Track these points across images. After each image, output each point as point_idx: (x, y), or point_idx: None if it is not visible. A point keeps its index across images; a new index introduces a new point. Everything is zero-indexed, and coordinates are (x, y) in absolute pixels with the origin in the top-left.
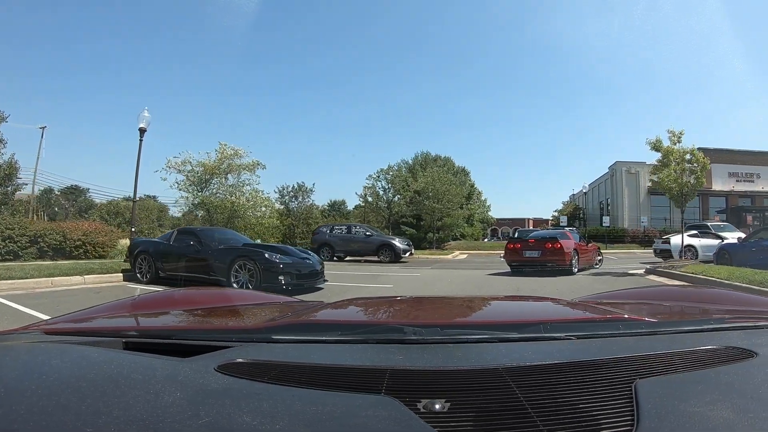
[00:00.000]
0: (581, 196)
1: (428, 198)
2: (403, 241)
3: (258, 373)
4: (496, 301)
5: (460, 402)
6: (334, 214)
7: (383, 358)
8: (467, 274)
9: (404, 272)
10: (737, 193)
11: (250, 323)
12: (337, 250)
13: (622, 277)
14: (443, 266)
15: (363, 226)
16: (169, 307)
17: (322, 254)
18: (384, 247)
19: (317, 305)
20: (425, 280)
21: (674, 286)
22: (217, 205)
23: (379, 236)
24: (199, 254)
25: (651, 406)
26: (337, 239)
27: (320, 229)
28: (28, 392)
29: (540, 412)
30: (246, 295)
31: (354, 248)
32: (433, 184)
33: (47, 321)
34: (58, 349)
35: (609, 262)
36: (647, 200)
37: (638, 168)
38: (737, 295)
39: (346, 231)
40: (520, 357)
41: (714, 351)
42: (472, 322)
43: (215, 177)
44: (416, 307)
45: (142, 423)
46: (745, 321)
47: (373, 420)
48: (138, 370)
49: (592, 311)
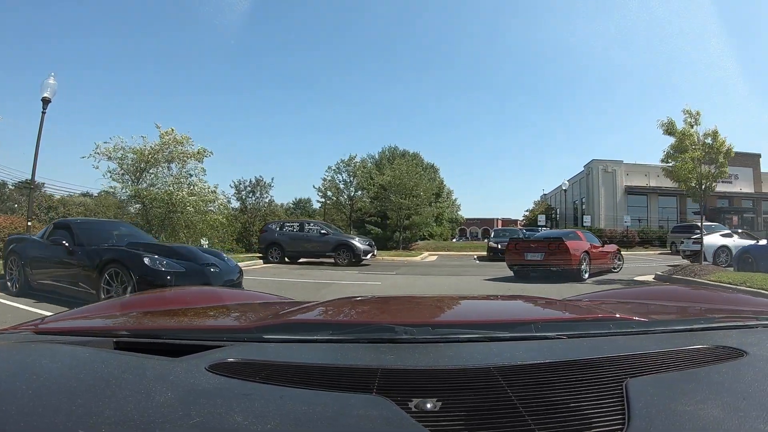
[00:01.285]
0: (556, 194)
1: (395, 193)
2: (364, 241)
3: (249, 372)
4: (488, 300)
5: (451, 401)
6: (298, 212)
7: (374, 358)
8: (443, 282)
9: (362, 280)
10: (715, 194)
11: (241, 323)
12: (287, 250)
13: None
14: (411, 270)
15: (318, 223)
16: (161, 306)
17: (271, 255)
18: (341, 248)
19: (309, 305)
20: (388, 291)
21: (665, 286)
22: (153, 197)
23: (336, 235)
24: (69, 257)
25: (642, 405)
26: (287, 238)
27: (268, 226)
28: (18, 392)
29: (531, 412)
30: (238, 295)
31: (307, 248)
32: (401, 177)
33: (38, 320)
34: (48, 349)
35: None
36: (624, 200)
37: (615, 167)
38: (727, 295)
39: (298, 228)
40: (511, 356)
41: (704, 350)
42: (463, 321)
43: (154, 166)
44: (407, 306)
45: (133, 423)
46: (736, 320)
47: (364, 420)
48: (129, 370)
49: (583, 311)
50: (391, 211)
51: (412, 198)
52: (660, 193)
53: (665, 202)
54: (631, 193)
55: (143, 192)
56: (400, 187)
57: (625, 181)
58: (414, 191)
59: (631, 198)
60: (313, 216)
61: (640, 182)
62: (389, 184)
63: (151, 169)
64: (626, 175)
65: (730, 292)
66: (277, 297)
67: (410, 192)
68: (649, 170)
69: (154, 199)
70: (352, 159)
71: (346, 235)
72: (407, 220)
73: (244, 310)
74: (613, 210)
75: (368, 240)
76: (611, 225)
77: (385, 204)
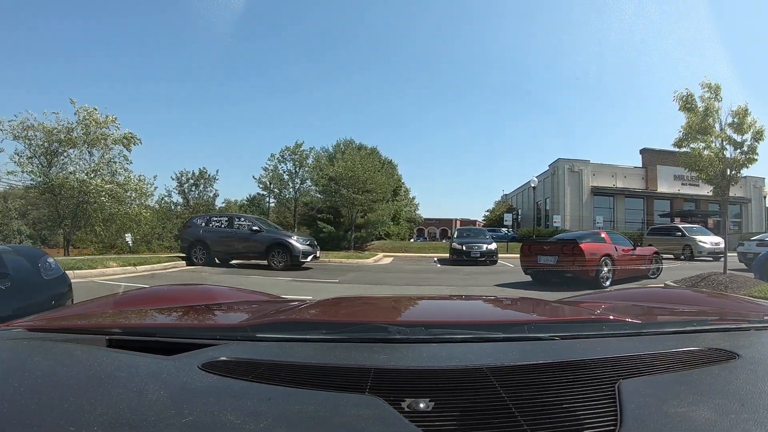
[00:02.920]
0: (517, 195)
1: (346, 187)
2: (304, 240)
3: (242, 371)
4: (481, 301)
5: (444, 401)
6: (253, 209)
7: (367, 357)
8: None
9: (290, 291)
10: (682, 196)
11: (234, 321)
12: (213, 250)
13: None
14: (359, 277)
15: (250, 217)
16: (154, 304)
17: (195, 256)
18: (276, 248)
19: (302, 304)
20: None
21: (659, 288)
22: (61, 184)
23: (271, 232)
24: None
25: (634, 406)
26: (213, 236)
27: (193, 221)
28: (10, 390)
29: (524, 412)
30: (231, 293)
31: (237, 248)
32: (353, 169)
33: (31, 318)
34: (41, 347)
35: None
36: (590, 200)
37: (582, 166)
38: (719, 297)
39: (227, 224)
40: (504, 357)
41: (697, 352)
42: (456, 321)
43: (72, 148)
44: (401, 306)
45: (125, 421)
46: (728, 323)
47: (357, 419)
48: (122, 368)
49: (576, 312)
50: (343, 207)
51: (366, 193)
52: (627, 195)
53: (632, 204)
54: (598, 194)
55: (53, 178)
56: (353, 180)
57: (591, 181)
58: (368, 185)
59: (597, 199)
60: (266, 213)
61: (606, 183)
62: (340, 177)
63: (69, 152)
64: (593, 175)
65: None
66: (271, 296)
67: (363, 186)
68: (616, 171)
69: (62, 186)
70: (298, 146)
71: (283, 232)
72: (362, 218)
73: (238, 308)
74: (579, 210)
75: (309, 239)
76: (577, 226)
77: (336, 199)
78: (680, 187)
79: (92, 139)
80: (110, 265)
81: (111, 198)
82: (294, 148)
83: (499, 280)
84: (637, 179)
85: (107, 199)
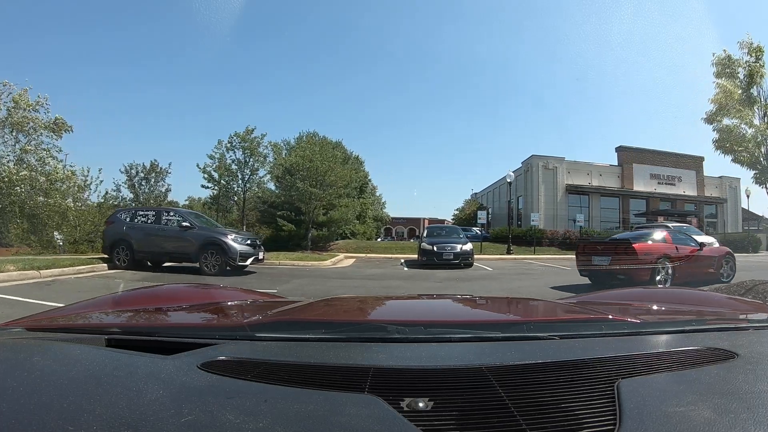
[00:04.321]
0: (487, 193)
1: (303, 179)
2: (243, 238)
3: (241, 371)
4: (481, 300)
5: (443, 401)
6: (216, 207)
7: (367, 357)
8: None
9: None
10: (658, 196)
11: (233, 321)
12: (138, 250)
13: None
14: (307, 285)
15: (182, 211)
16: (153, 303)
17: (118, 257)
18: (209, 248)
19: (302, 303)
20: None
21: (657, 288)
22: None
23: (204, 229)
24: None
25: (633, 406)
26: (138, 233)
27: (116, 215)
28: (9, 390)
29: (523, 412)
30: (230, 293)
31: (165, 248)
32: (311, 159)
33: (29, 317)
34: (39, 346)
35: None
36: (565, 198)
37: (556, 164)
38: (719, 297)
39: (154, 219)
40: (503, 356)
41: (696, 352)
42: (456, 321)
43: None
44: (400, 305)
45: (124, 421)
46: (727, 322)
47: (356, 419)
48: (121, 367)
49: (575, 311)
50: (300, 202)
51: (325, 187)
52: (602, 193)
53: (608, 203)
54: (573, 192)
55: None
56: (311, 172)
57: (566, 179)
58: (327, 178)
59: (572, 197)
60: (230, 214)
61: (582, 181)
62: (295, 168)
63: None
64: (568, 173)
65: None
66: (270, 296)
67: (322, 179)
68: (591, 169)
69: None
70: (249, 132)
71: (219, 229)
72: (324, 216)
73: (237, 308)
74: (553, 209)
75: (251, 237)
76: (551, 225)
77: (291, 193)
78: (656, 186)
79: (15, 121)
80: (6, 268)
81: (33, 189)
82: (244, 134)
83: (489, 288)
84: (613, 177)
85: (23, 189)
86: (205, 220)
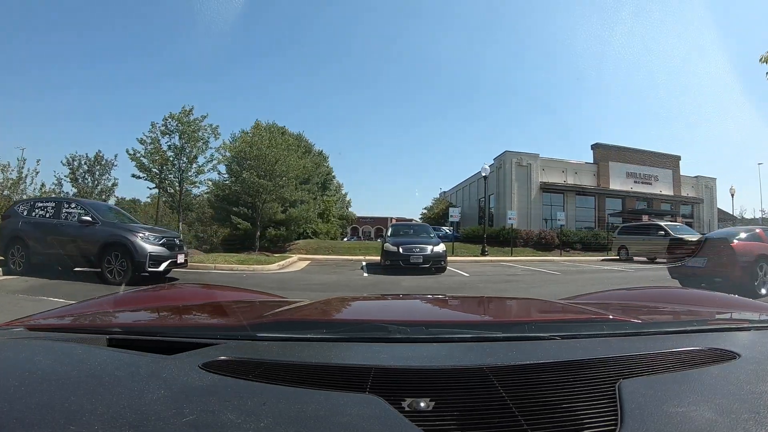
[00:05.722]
0: (457, 192)
1: (249, 169)
2: (158, 237)
3: (242, 371)
4: (482, 300)
5: (444, 401)
6: (171, 204)
7: (368, 357)
8: None
9: None
10: (635, 195)
11: (235, 321)
12: (34, 252)
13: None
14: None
15: (86, 203)
16: (155, 303)
17: (12, 260)
18: (112, 250)
19: (303, 303)
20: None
21: (659, 287)
22: None
23: (109, 225)
24: None
25: (634, 406)
26: (34, 230)
27: (14, 208)
28: (10, 389)
29: (524, 412)
30: (231, 293)
31: (64, 249)
32: (259, 146)
33: (31, 317)
34: (41, 346)
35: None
36: (539, 197)
37: (530, 160)
38: (721, 297)
39: (53, 213)
40: (504, 356)
41: (697, 352)
42: (457, 321)
43: None
44: (401, 305)
45: (125, 420)
46: (729, 322)
47: (357, 419)
48: (122, 367)
49: (576, 311)
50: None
51: (275, 178)
52: (578, 192)
53: (583, 202)
54: (548, 190)
55: None
56: (260, 162)
57: (540, 176)
58: (278, 169)
59: (546, 196)
60: (204, 213)
61: (557, 179)
62: (241, 157)
63: None
64: (542, 170)
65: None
66: (272, 295)
67: (271, 169)
68: (566, 166)
69: None
70: (186, 113)
71: (126, 225)
72: (283, 214)
73: (238, 308)
74: (527, 207)
75: (168, 236)
76: (525, 224)
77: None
78: (633, 185)
79: None
80: None
81: None
82: (180, 115)
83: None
84: (589, 176)
85: None
86: (115, 214)
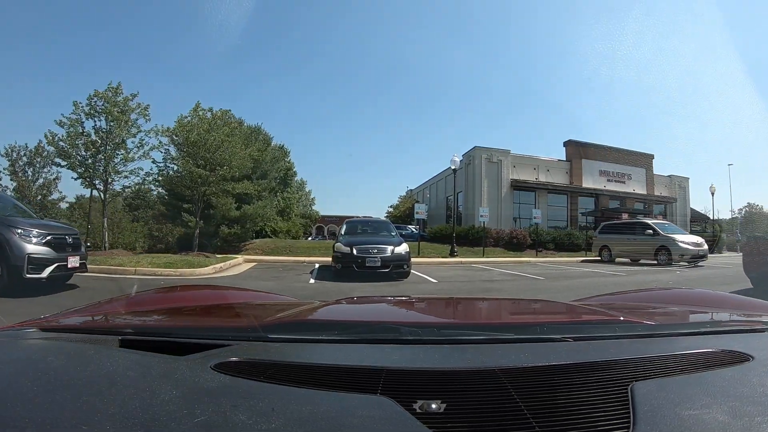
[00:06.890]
0: (424, 190)
1: (186, 156)
2: (43, 235)
3: (254, 372)
4: (494, 302)
5: (456, 403)
6: (138, 202)
7: (379, 358)
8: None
9: None
10: (608, 194)
11: (246, 322)
12: None
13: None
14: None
15: None
16: (166, 304)
17: None
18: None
19: (314, 304)
20: None
21: (671, 289)
22: None
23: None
24: None
25: (647, 408)
26: None
27: None
28: (24, 389)
29: (536, 414)
30: (242, 294)
31: None
32: (197, 131)
33: (43, 318)
34: (54, 346)
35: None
36: (510, 195)
37: (501, 156)
38: (733, 298)
39: None
40: (516, 358)
41: (710, 354)
42: (468, 322)
43: None
44: (413, 306)
45: (137, 421)
46: (742, 324)
47: (368, 420)
48: (134, 367)
49: (588, 313)
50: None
51: (215, 167)
52: (550, 190)
53: (555, 200)
54: (518, 188)
55: None
56: (197, 148)
57: (511, 173)
58: (218, 157)
59: (517, 193)
60: (150, 209)
61: (528, 176)
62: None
63: None
64: (513, 167)
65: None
66: (282, 297)
67: (211, 157)
68: (538, 164)
69: None
70: (114, 90)
71: (8, 219)
72: (238, 211)
73: (249, 309)
74: (497, 206)
75: (57, 233)
76: (496, 223)
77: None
78: (606, 183)
79: None
80: None
81: None
82: (107, 93)
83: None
84: (561, 173)
85: None
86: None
